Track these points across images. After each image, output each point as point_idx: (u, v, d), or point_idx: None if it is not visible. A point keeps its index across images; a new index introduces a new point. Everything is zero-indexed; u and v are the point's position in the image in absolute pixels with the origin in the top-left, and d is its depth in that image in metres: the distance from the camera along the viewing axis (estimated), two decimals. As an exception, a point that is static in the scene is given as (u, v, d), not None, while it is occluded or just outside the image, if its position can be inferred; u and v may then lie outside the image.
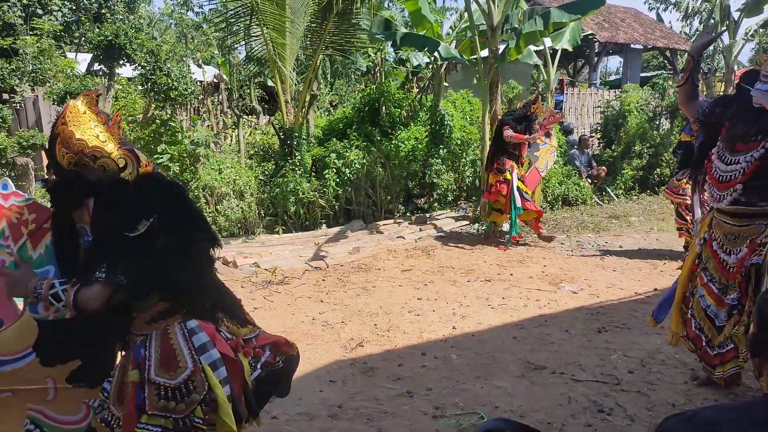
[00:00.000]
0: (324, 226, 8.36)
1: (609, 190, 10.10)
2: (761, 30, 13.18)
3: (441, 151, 8.85)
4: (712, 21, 11.11)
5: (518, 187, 6.80)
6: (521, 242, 7.18)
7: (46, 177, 7.68)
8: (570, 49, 9.50)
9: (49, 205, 1.86)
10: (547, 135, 7.26)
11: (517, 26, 7.80)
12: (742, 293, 2.78)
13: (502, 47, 7.92)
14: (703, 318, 3.04)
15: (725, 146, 2.82)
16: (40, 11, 12.36)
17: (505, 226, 7.29)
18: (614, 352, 3.89)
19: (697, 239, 3.13)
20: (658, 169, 10.59)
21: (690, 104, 3.07)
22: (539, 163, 7.39)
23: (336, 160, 8.30)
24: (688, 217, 5.48)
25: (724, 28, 8.30)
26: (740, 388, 3.30)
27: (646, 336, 4.16)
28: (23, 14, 11.42)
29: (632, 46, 17.86)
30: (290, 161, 8.23)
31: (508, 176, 6.78)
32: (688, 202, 5.37)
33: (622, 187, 10.27)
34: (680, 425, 1.13)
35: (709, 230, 3.01)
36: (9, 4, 11.33)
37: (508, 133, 6.72)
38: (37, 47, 8.78)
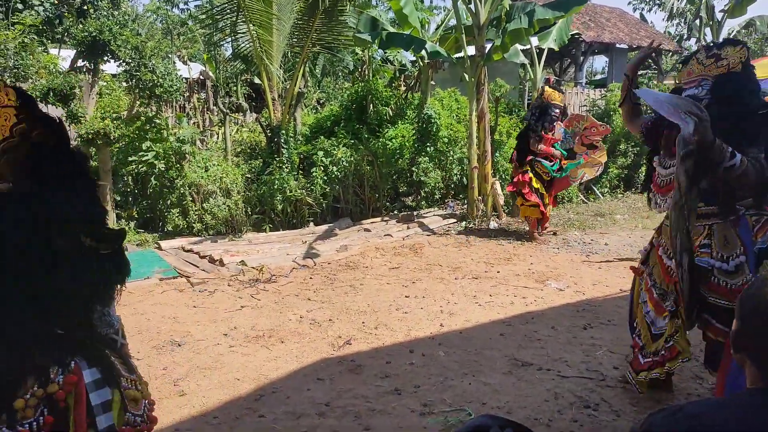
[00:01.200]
0: (311, 224, 8.33)
1: (595, 188, 10.19)
2: (743, 31, 13.38)
3: (428, 149, 8.87)
4: (696, 22, 11.26)
5: (530, 180, 7.05)
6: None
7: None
8: (556, 48, 9.56)
9: None
10: (591, 147, 7.07)
11: (502, 24, 7.85)
12: (678, 295, 2.83)
13: (488, 46, 7.95)
14: (642, 323, 3.09)
15: (664, 152, 2.92)
16: (20, 5, 12.14)
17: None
18: (600, 348, 3.92)
19: (645, 246, 3.22)
20: (642, 168, 10.70)
21: (633, 122, 3.20)
22: (573, 173, 7.19)
23: (323, 158, 8.28)
24: None
25: (662, 44, 8.49)
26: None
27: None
28: (3, 8, 11.22)
29: (617, 45, 18.00)
30: (277, 159, 8.19)
31: (527, 168, 7.02)
32: None
33: (608, 185, 10.36)
34: (665, 420, 1.14)
35: (657, 237, 3.09)
36: None
37: (540, 147, 6.95)
38: (19, 43, 8.63)
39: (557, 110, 7.04)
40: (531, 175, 7.00)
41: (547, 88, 7.21)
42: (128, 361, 1.50)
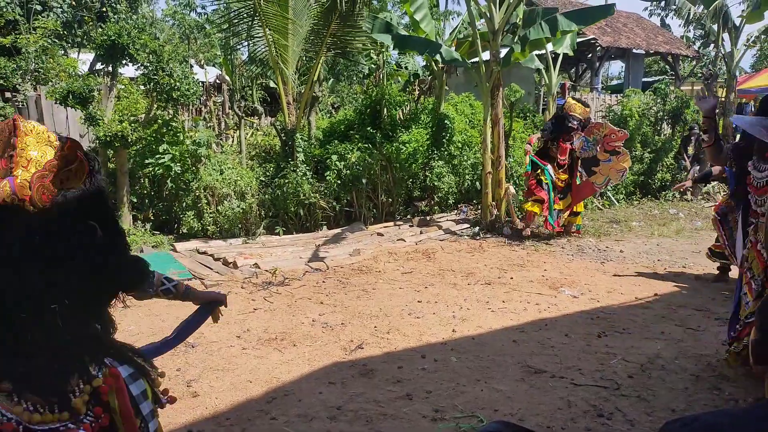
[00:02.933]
0: (324, 227, 8.35)
1: (610, 194, 10.10)
2: (763, 36, 13.18)
3: (442, 153, 8.86)
4: (714, 27, 11.14)
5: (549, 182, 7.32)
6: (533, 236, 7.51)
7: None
8: (571, 53, 9.51)
9: None
10: (614, 153, 7.21)
11: (519, 31, 7.84)
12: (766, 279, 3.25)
13: (503, 51, 7.93)
14: (743, 312, 3.46)
15: (758, 157, 3.33)
16: (39, 8, 12.36)
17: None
18: (614, 357, 3.88)
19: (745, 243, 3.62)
20: (659, 174, 10.59)
21: (719, 157, 3.63)
22: (596, 178, 7.35)
23: (337, 162, 8.30)
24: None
25: (719, 67, 8.81)
26: (741, 393, 3.29)
27: (646, 341, 4.17)
28: (23, 12, 11.42)
29: (634, 50, 17.89)
30: (291, 162, 8.24)
31: (542, 176, 7.29)
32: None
33: (623, 191, 10.26)
34: (681, 430, 1.13)
35: (754, 235, 3.47)
36: (6, 0, 11.32)
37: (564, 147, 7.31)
38: (40, 46, 8.78)
39: (575, 122, 7.22)
40: (540, 175, 7.31)
41: (569, 98, 7.44)
42: (146, 357, 1.64)
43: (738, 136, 3.77)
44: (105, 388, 1.39)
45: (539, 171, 7.33)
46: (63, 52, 11.88)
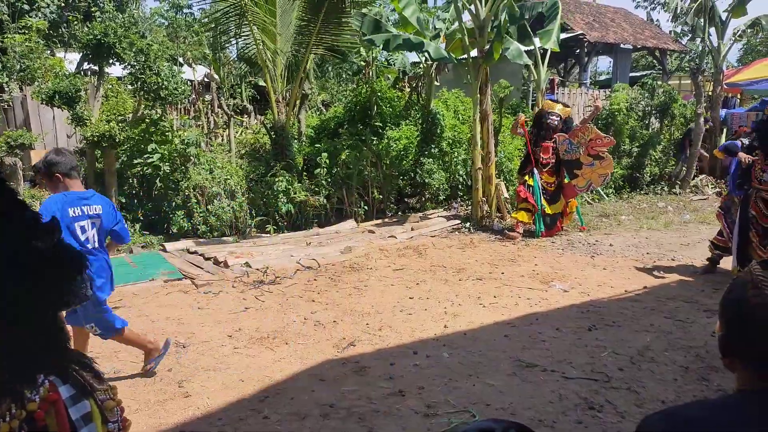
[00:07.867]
0: (315, 225, 8.34)
1: (599, 189, 10.16)
2: (749, 30, 13.29)
3: (433, 150, 8.87)
4: (701, 21, 11.21)
5: (535, 188, 7.38)
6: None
7: (35, 177, 7.47)
8: (557, 49, 9.55)
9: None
10: (597, 158, 7.21)
11: (503, 26, 7.89)
12: None
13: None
14: None
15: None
16: (26, 7, 12.21)
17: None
18: (604, 350, 3.92)
19: None
20: (647, 168, 10.67)
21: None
22: (578, 181, 7.41)
23: (327, 160, 8.29)
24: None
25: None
26: (729, 383, 3.33)
27: (636, 334, 4.20)
28: (9, 11, 11.28)
29: (622, 46, 17.98)
30: (281, 161, 8.21)
31: (529, 180, 7.38)
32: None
33: (612, 186, 10.33)
34: (660, 423, 1.14)
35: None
36: None
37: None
38: (26, 46, 8.68)
39: (553, 117, 7.35)
40: (528, 179, 7.40)
41: (547, 101, 7.67)
42: (97, 372, 1.45)
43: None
44: (41, 413, 1.23)
45: (527, 174, 7.39)
46: (50, 51, 11.75)
